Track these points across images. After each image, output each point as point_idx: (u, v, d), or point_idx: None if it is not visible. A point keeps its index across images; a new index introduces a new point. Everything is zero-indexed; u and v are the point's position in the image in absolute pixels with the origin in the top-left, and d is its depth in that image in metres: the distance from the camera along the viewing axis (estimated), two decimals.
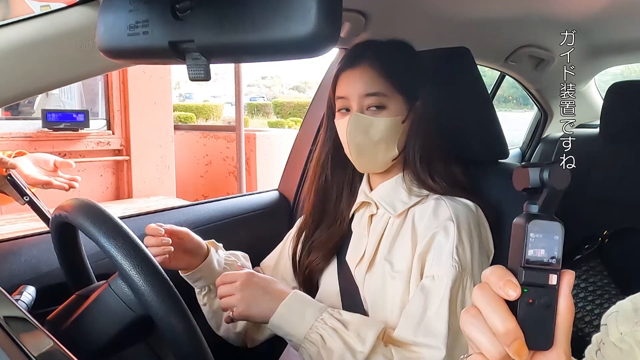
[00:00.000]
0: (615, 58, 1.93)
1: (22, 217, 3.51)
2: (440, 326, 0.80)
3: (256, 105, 20.63)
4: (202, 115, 15.30)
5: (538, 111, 2.16)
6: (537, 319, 0.40)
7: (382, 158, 0.92)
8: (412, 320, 0.83)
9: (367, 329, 0.82)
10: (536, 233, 0.40)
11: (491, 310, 0.40)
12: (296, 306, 0.84)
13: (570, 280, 0.41)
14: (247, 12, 0.46)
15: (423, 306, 0.82)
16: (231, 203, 1.36)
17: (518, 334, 0.39)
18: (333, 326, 0.82)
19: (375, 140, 0.90)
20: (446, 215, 0.87)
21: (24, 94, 0.70)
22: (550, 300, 0.40)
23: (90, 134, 4.15)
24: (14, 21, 0.64)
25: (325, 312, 0.83)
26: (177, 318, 0.67)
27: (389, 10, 1.09)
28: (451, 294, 0.81)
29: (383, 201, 0.94)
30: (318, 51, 0.47)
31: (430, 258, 0.86)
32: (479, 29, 1.31)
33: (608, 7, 1.24)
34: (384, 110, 0.90)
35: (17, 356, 0.49)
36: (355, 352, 0.79)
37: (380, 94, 0.90)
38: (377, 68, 0.90)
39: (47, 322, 0.77)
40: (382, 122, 0.90)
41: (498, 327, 0.39)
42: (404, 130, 0.92)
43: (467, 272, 0.83)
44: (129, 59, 0.57)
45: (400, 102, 0.91)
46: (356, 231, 1.00)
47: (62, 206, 0.76)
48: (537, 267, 0.40)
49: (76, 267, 0.88)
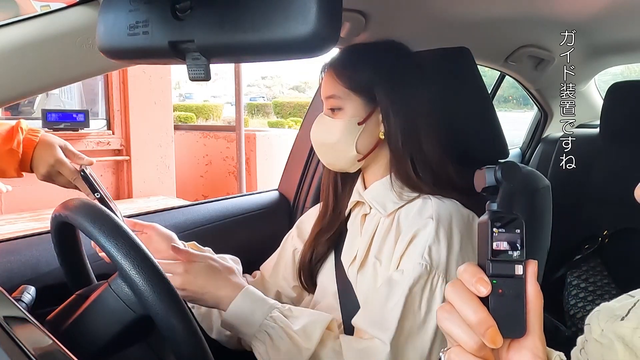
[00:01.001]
0: (615, 58, 1.92)
1: (22, 217, 3.51)
2: (391, 322, 0.80)
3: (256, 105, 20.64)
4: (202, 115, 15.31)
5: (538, 111, 2.16)
6: (508, 309, 0.42)
7: (343, 158, 0.94)
8: (370, 310, 0.84)
9: (315, 324, 0.82)
10: (499, 228, 0.43)
11: (462, 303, 0.42)
12: (247, 304, 0.84)
13: (534, 268, 0.43)
14: (247, 12, 0.46)
15: (384, 298, 0.83)
16: (231, 203, 1.36)
17: (490, 322, 0.41)
18: (281, 324, 0.82)
19: (333, 142, 0.93)
20: (428, 214, 0.87)
21: (24, 94, 0.70)
22: (518, 289, 0.43)
23: (90, 134, 4.15)
24: (14, 21, 0.64)
25: (275, 310, 0.83)
26: (177, 318, 0.67)
27: (389, 10, 1.09)
28: (410, 292, 0.81)
29: (374, 201, 0.95)
30: (318, 51, 0.48)
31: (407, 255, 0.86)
32: (479, 29, 1.31)
33: (608, 7, 1.24)
34: (340, 111, 0.93)
35: (17, 356, 0.49)
36: (301, 349, 0.80)
37: (336, 97, 0.93)
38: (334, 72, 0.94)
39: (47, 322, 0.77)
40: (336, 123, 0.93)
41: (471, 319, 0.41)
42: (368, 131, 0.93)
43: (439, 272, 0.83)
44: (129, 59, 0.57)
45: (359, 104, 0.92)
46: (351, 230, 1.01)
47: (62, 206, 0.76)
48: (502, 260, 0.43)
49: (76, 267, 0.88)
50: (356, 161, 0.94)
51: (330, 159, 0.97)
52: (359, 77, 0.93)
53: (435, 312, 0.81)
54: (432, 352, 0.81)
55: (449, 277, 0.83)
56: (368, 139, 0.93)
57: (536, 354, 0.42)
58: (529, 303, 0.43)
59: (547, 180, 1.05)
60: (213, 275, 0.85)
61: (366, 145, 0.93)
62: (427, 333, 0.81)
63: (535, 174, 1.06)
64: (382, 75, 0.92)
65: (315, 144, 0.98)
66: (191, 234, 1.20)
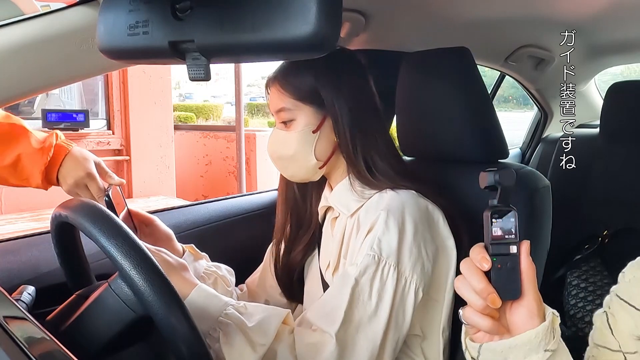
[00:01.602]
0: (615, 58, 1.92)
1: (22, 217, 3.51)
2: (337, 314, 0.80)
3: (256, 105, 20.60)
4: (202, 115, 15.29)
5: (538, 111, 2.16)
6: (506, 279, 0.55)
7: (304, 168, 0.94)
8: (321, 303, 0.85)
9: (270, 319, 0.82)
10: (497, 219, 0.56)
11: (470, 275, 0.55)
12: (200, 302, 0.83)
13: (527, 247, 0.56)
14: (247, 12, 0.46)
15: (336, 292, 0.83)
16: (231, 203, 1.36)
17: (490, 290, 0.54)
18: (235, 321, 0.81)
19: (290, 154, 0.93)
20: (382, 206, 0.87)
21: (24, 94, 0.70)
22: (514, 264, 0.55)
23: (90, 134, 4.16)
24: (15, 21, 0.64)
25: (229, 308, 0.83)
26: (177, 318, 0.67)
27: (389, 10, 1.09)
28: (357, 282, 0.81)
29: (339, 203, 0.95)
30: (318, 51, 0.48)
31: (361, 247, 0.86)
32: (479, 29, 1.31)
33: (608, 7, 1.24)
34: (293, 123, 0.93)
35: (17, 356, 0.49)
36: (256, 345, 0.79)
37: (286, 109, 0.93)
38: (280, 86, 0.94)
39: (47, 322, 0.77)
40: (290, 135, 0.93)
41: (476, 287, 0.54)
42: (324, 137, 0.93)
43: (390, 261, 0.83)
44: (129, 59, 0.57)
45: (310, 113, 0.92)
46: (325, 235, 1.01)
47: (62, 206, 0.76)
48: (500, 242, 0.55)
49: (76, 267, 0.88)
50: (317, 169, 0.95)
51: (291, 172, 0.97)
52: (303, 85, 0.92)
53: (386, 301, 0.82)
54: (386, 341, 0.82)
55: (401, 266, 0.83)
56: (325, 144, 0.93)
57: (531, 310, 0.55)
58: (523, 273, 0.55)
59: (547, 180, 1.05)
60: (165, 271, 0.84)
61: (324, 152, 0.94)
62: (380, 322, 0.82)
63: (535, 174, 1.06)
64: (324, 80, 0.92)
65: (272, 159, 0.97)
66: (191, 234, 1.20)
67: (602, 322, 0.65)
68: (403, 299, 0.84)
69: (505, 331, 0.56)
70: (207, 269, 1.03)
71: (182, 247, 1.02)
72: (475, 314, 0.55)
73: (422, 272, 0.85)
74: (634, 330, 0.61)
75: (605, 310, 0.65)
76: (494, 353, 0.55)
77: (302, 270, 1.06)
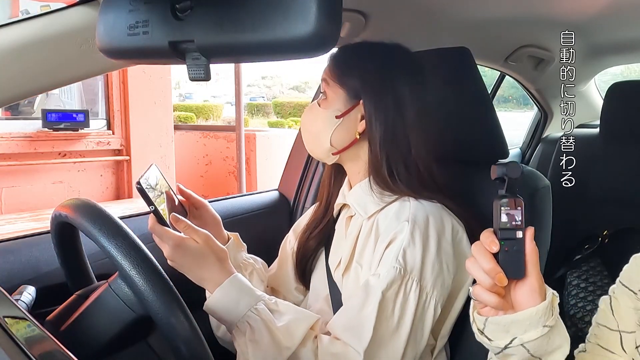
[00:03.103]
0: (615, 58, 1.93)
1: (22, 217, 3.51)
2: (366, 330, 0.79)
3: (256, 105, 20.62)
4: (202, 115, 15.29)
5: (538, 111, 2.16)
6: (512, 260, 0.61)
7: (319, 148, 0.95)
8: (346, 315, 0.83)
9: (299, 323, 0.81)
10: (505, 207, 0.62)
11: (480, 257, 0.61)
12: (233, 292, 0.82)
13: (531, 232, 0.62)
14: (247, 12, 0.46)
15: (360, 303, 0.82)
16: (231, 203, 1.36)
17: (497, 270, 0.60)
18: (264, 318, 0.80)
19: (314, 130, 0.95)
20: (405, 217, 0.86)
21: (24, 94, 0.70)
22: (519, 247, 0.61)
23: (90, 134, 4.15)
24: (14, 21, 0.64)
25: (260, 303, 0.82)
26: (177, 318, 0.67)
27: (389, 10, 1.09)
28: (384, 297, 0.80)
29: (356, 203, 0.94)
30: (318, 51, 0.48)
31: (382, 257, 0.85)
32: (479, 29, 1.31)
33: (608, 7, 1.24)
34: (326, 100, 0.94)
35: (17, 356, 0.49)
36: (281, 348, 0.78)
37: (325, 80, 0.94)
38: (331, 61, 0.96)
39: (47, 322, 0.77)
40: (318, 112, 0.94)
41: (485, 267, 0.61)
42: (345, 126, 0.92)
43: (413, 276, 0.81)
44: (129, 59, 0.57)
45: (342, 97, 0.92)
46: (338, 232, 1.00)
47: (62, 206, 0.76)
48: (507, 228, 0.61)
49: (76, 267, 0.88)
50: (330, 154, 0.94)
51: (310, 146, 0.98)
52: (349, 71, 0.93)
53: (408, 317, 0.81)
54: (404, 357, 0.81)
55: (423, 281, 0.82)
56: (343, 134, 0.92)
57: (533, 289, 0.61)
58: (527, 255, 0.61)
59: (547, 180, 1.05)
60: (201, 255, 0.83)
61: (340, 141, 0.93)
62: (400, 339, 0.81)
63: (535, 174, 1.06)
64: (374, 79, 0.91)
65: (301, 129, 1.01)
66: None
67: (605, 304, 0.73)
68: (423, 314, 0.83)
69: (510, 307, 0.63)
70: (246, 260, 1.03)
71: (227, 234, 1.02)
72: (483, 291, 0.61)
73: (442, 288, 0.84)
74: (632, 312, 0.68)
75: (610, 295, 0.73)
76: (497, 326, 0.62)
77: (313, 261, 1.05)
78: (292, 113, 17.15)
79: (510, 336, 0.61)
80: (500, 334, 0.62)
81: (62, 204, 0.77)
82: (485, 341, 0.64)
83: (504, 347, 0.62)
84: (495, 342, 0.62)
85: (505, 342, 0.61)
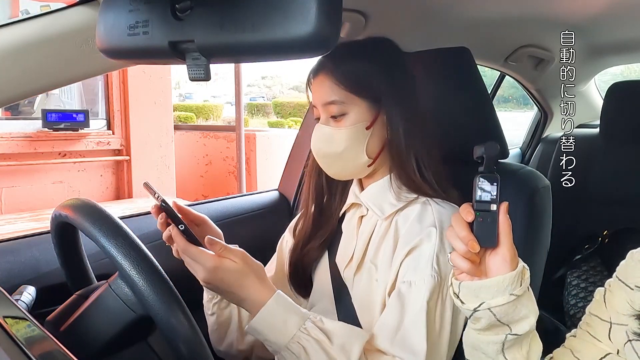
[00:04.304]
0: (615, 58, 1.93)
1: (22, 217, 3.51)
2: (419, 342, 0.78)
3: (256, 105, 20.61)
4: (202, 115, 15.29)
5: (538, 111, 2.16)
6: (485, 230, 0.66)
7: (352, 166, 0.90)
8: (388, 329, 0.81)
9: (353, 341, 0.78)
10: (481, 183, 0.67)
11: (457, 225, 0.67)
12: (279, 311, 0.79)
13: (505, 206, 0.66)
14: (247, 12, 0.46)
15: (399, 315, 0.80)
16: (231, 203, 1.36)
17: (471, 237, 0.65)
18: (317, 337, 0.77)
19: (339, 151, 0.89)
20: (430, 221, 0.85)
21: (24, 94, 0.70)
22: (492, 218, 0.66)
23: (90, 134, 4.15)
24: (14, 21, 0.64)
25: (308, 321, 0.79)
26: (177, 318, 0.67)
27: (389, 10, 1.09)
28: (429, 306, 0.79)
29: (371, 203, 0.92)
30: (318, 51, 0.48)
31: (408, 264, 0.83)
32: (479, 29, 1.31)
33: (608, 7, 1.24)
34: (345, 117, 0.88)
35: (17, 356, 0.49)
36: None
37: (339, 102, 0.88)
38: (334, 76, 0.88)
39: (47, 322, 0.77)
40: (342, 132, 0.88)
41: (460, 234, 0.66)
42: (376, 134, 0.89)
43: (448, 283, 0.80)
44: (129, 59, 0.57)
45: (364, 108, 0.88)
46: (346, 232, 0.98)
47: (62, 206, 0.76)
48: (482, 201, 0.66)
49: (76, 267, 0.88)
50: (366, 167, 0.91)
51: (337, 169, 0.92)
52: (360, 77, 0.88)
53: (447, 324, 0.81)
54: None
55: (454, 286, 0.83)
56: (376, 142, 0.90)
57: (505, 259, 0.65)
58: (500, 227, 0.66)
59: (547, 180, 1.05)
60: (241, 276, 0.79)
61: (375, 149, 0.90)
62: (442, 346, 0.80)
63: (535, 174, 1.06)
64: (387, 75, 0.89)
65: (318, 156, 0.92)
66: None
67: (600, 296, 0.76)
68: (456, 319, 0.82)
69: (483, 274, 0.67)
70: None
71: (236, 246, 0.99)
72: (458, 257, 0.66)
73: None
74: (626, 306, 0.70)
75: (606, 287, 0.75)
76: (469, 290, 0.67)
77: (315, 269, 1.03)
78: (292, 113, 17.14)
79: (479, 300, 0.66)
80: (471, 297, 0.67)
81: (62, 204, 0.77)
82: (459, 304, 0.69)
83: (473, 310, 0.66)
84: (467, 305, 0.67)
85: (475, 306, 0.66)
